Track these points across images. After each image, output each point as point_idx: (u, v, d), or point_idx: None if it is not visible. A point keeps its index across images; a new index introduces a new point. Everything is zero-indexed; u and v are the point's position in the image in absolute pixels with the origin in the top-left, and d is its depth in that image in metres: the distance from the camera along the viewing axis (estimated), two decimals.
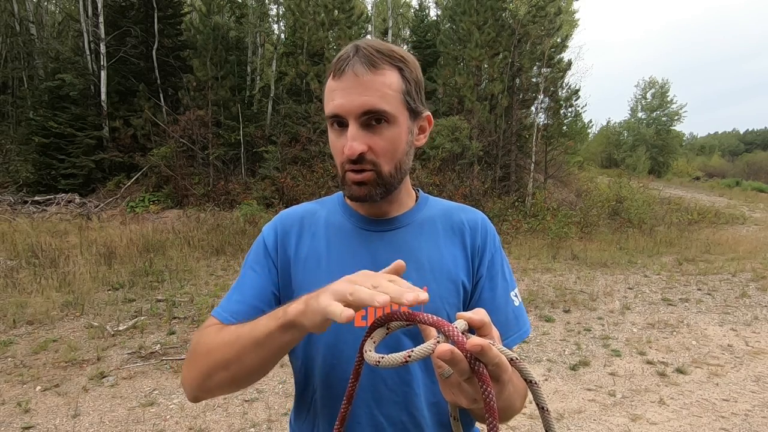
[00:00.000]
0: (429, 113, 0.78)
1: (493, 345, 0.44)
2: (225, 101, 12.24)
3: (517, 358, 0.48)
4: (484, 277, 0.79)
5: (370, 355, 0.48)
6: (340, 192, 0.86)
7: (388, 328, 0.52)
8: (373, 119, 0.69)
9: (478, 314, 0.49)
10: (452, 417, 0.63)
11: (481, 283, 0.79)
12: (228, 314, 0.73)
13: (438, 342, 0.45)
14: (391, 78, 0.69)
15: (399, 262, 0.57)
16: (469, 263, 0.79)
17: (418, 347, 0.46)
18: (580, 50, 34.35)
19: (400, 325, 0.51)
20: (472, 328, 0.49)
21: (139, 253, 6.76)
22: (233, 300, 0.75)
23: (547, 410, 0.51)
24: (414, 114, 0.74)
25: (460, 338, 0.43)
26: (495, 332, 0.50)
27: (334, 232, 0.79)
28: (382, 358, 0.47)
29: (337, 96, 0.69)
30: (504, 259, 0.84)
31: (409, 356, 0.45)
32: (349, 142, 0.68)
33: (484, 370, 0.43)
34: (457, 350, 0.42)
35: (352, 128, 0.69)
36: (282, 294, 0.78)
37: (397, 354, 0.46)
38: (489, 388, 0.43)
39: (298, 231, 0.81)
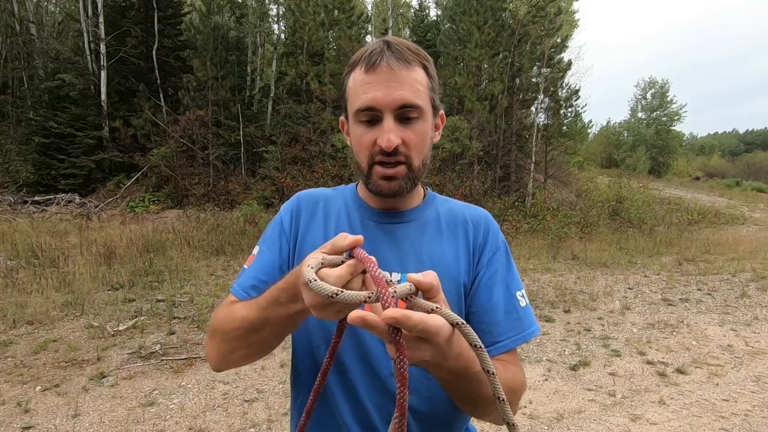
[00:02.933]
0: (443, 111, 0.81)
1: (415, 314, 0.45)
2: (225, 101, 12.24)
3: (461, 323, 0.48)
4: (483, 273, 0.79)
5: (308, 271, 0.49)
6: (354, 183, 0.88)
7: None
8: (407, 113, 0.70)
9: (427, 277, 0.49)
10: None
11: (479, 278, 0.78)
12: (241, 289, 0.78)
13: (369, 297, 0.47)
14: (420, 74, 0.72)
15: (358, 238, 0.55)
16: (470, 259, 0.79)
17: (347, 292, 0.47)
18: (580, 50, 34.45)
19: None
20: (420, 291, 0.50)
21: (139, 253, 6.76)
22: (248, 276, 0.79)
23: (493, 373, 0.51)
24: (435, 110, 0.77)
25: (387, 303, 0.44)
26: (442, 296, 0.51)
27: (342, 222, 0.81)
28: (315, 281, 0.48)
29: (371, 89, 0.69)
30: (509, 258, 0.83)
31: (336, 294, 0.47)
32: (386, 135, 0.69)
33: (401, 339, 0.45)
34: (369, 318, 0.44)
35: (389, 121, 0.69)
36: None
37: (328, 287, 0.47)
38: (403, 357, 0.45)
39: (311, 214, 0.83)
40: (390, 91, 0.68)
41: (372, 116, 0.70)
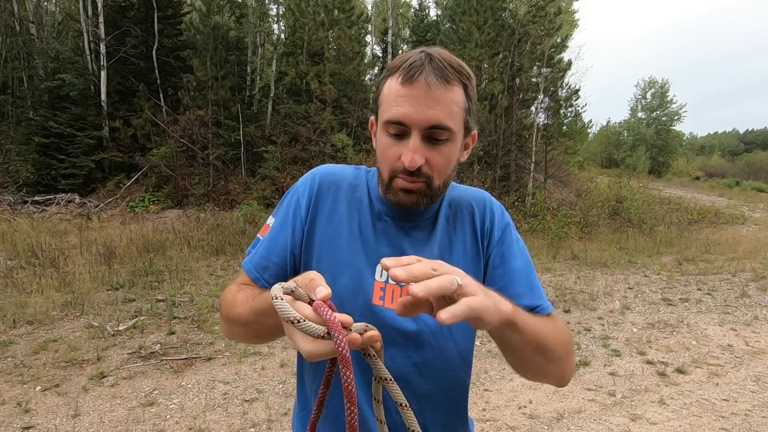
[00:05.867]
0: (476, 131, 0.78)
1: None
2: (225, 101, 12.24)
3: (389, 379, 0.54)
4: (494, 253, 0.81)
5: (276, 288, 0.49)
6: (374, 169, 0.86)
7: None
8: (437, 134, 0.69)
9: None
10: (374, 399, 0.62)
11: (492, 256, 0.81)
12: (254, 268, 0.79)
13: (327, 333, 0.47)
14: (458, 95, 0.69)
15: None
16: (477, 243, 0.81)
17: (308, 322, 0.47)
18: (580, 50, 34.31)
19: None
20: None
21: (139, 253, 6.75)
22: (260, 254, 0.80)
23: (405, 406, 0.55)
24: (467, 131, 0.75)
25: (341, 344, 0.46)
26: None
27: (363, 215, 0.80)
28: (281, 299, 0.47)
29: (404, 103, 0.67)
30: (516, 236, 0.84)
31: (298, 321, 0.47)
32: (410, 154, 0.68)
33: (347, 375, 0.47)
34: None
35: (415, 140, 0.68)
36: (303, 254, 0.79)
37: (292, 311, 0.47)
38: (349, 374, 0.46)
39: (334, 197, 0.81)
40: (423, 109, 0.66)
41: (400, 131, 0.69)
